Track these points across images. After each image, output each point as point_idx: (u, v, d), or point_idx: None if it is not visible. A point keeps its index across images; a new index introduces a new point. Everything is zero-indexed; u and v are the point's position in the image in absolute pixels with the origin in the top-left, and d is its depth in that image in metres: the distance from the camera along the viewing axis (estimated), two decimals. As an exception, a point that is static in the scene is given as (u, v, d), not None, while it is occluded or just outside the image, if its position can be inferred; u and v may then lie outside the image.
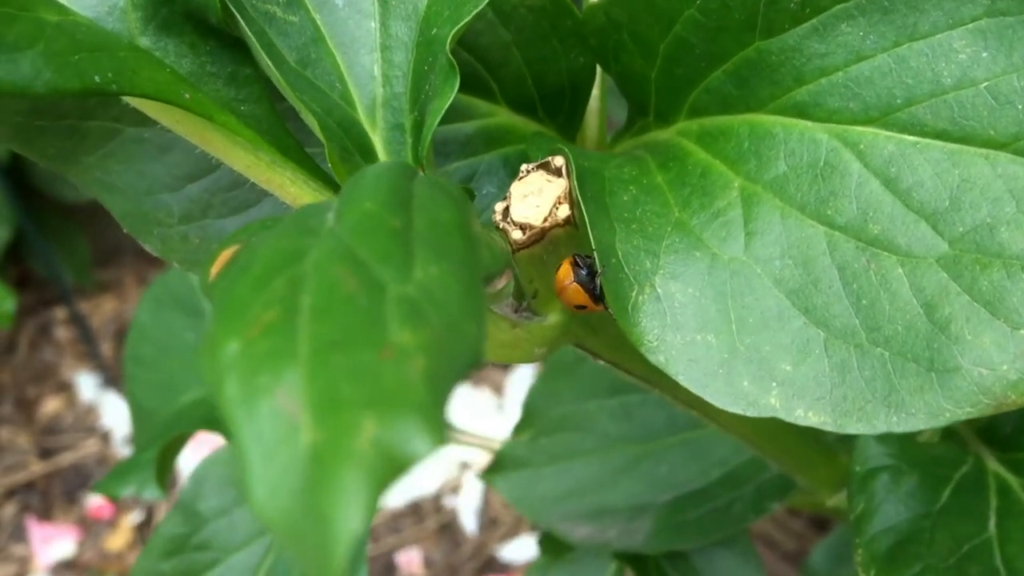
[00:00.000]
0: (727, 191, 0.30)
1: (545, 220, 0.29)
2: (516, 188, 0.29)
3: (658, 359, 0.29)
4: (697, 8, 0.30)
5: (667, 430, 0.61)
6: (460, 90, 0.34)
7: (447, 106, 0.28)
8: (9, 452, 1.74)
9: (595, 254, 0.29)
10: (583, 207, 0.29)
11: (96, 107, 0.33)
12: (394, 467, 0.15)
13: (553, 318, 0.33)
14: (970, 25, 0.28)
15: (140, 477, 0.72)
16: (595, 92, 0.37)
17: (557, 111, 0.35)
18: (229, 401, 0.16)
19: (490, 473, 0.62)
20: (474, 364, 0.17)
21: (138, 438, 0.77)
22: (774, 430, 0.46)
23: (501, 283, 0.26)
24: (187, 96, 0.26)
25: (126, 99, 0.29)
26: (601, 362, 0.37)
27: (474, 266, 0.19)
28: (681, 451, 0.60)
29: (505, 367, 1.29)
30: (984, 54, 0.27)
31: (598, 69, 0.36)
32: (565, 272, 0.30)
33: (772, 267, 0.29)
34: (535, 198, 0.29)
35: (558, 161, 0.29)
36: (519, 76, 0.34)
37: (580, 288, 0.30)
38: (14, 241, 1.87)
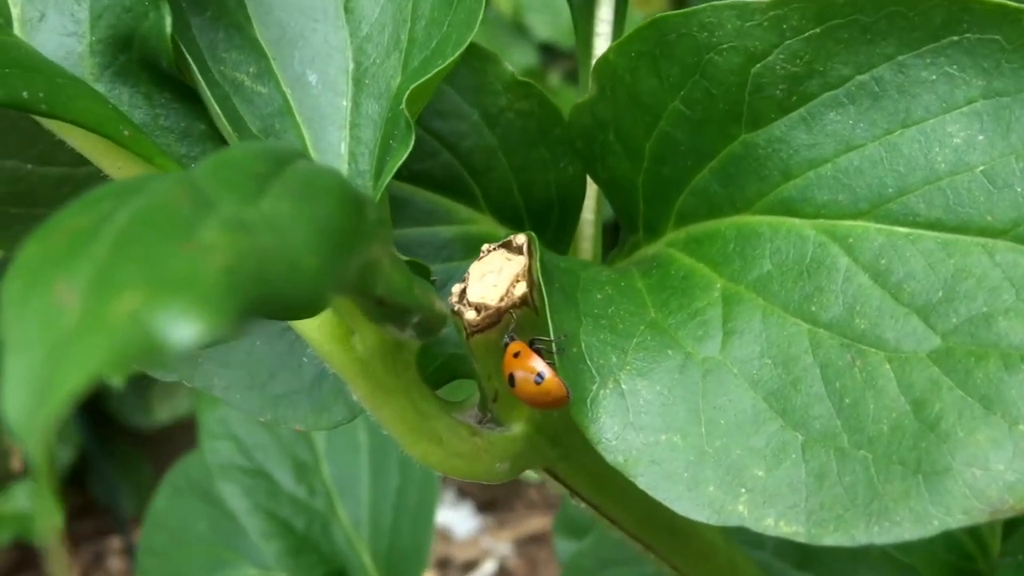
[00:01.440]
0: (708, 292, 0.28)
1: (501, 300, 0.27)
2: (475, 268, 0.27)
3: (616, 459, 0.26)
4: (681, 100, 0.29)
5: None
6: (440, 192, 0.33)
7: (399, 165, 0.26)
8: None
9: (552, 338, 0.27)
10: (543, 288, 0.27)
11: (70, 195, 0.32)
12: (147, 342, 0.12)
13: (517, 428, 0.30)
14: (965, 108, 0.26)
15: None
16: (590, 217, 0.35)
17: (545, 225, 0.34)
18: (6, 302, 0.14)
19: None
20: (308, 299, 0.15)
21: (143, 636, 0.73)
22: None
23: (409, 331, 0.23)
24: (126, 133, 0.25)
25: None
26: (583, 505, 0.34)
27: (344, 230, 0.17)
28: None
29: None
30: (980, 137, 0.25)
31: (591, 191, 0.35)
32: (526, 364, 0.27)
33: (750, 367, 0.26)
34: (493, 276, 0.27)
35: (520, 239, 0.27)
36: (504, 183, 0.33)
37: (558, 380, 0.27)
38: (79, 466, 1.87)
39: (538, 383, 0.27)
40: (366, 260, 0.19)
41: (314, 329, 0.28)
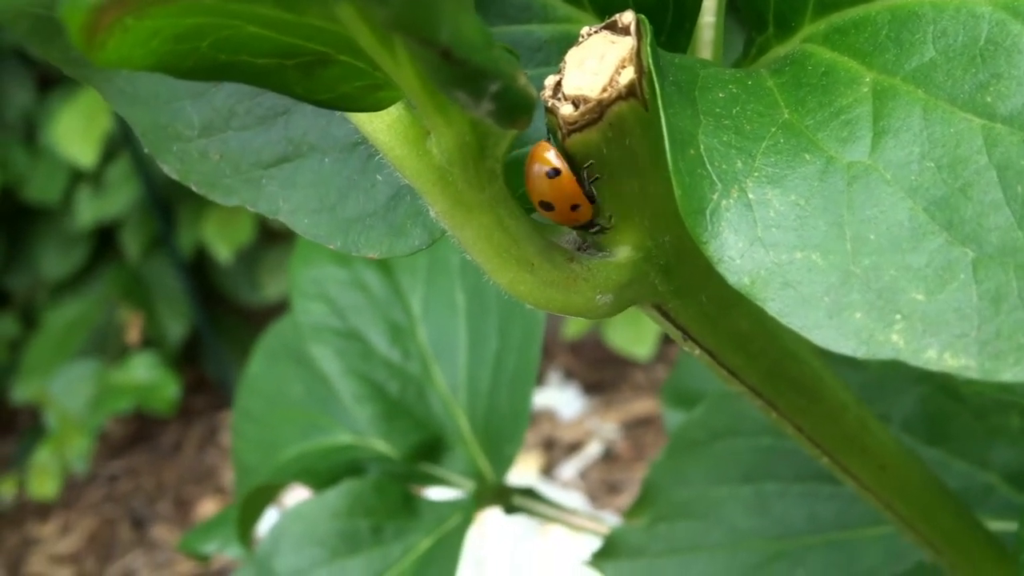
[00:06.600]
0: (854, 87, 0.23)
1: (604, 90, 0.22)
2: (572, 54, 0.23)
3: (741, 281, 0.22)
4: None
5: (808, 528, 0.52)
6: (536, -16, 0.28)
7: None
8: (161, 550, 1.73)
9: (665, 139, 0.22)
10: (656, 78, 0.22)
11: None
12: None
13: (622, 254, 0.25)
14: None
15: (225, 533, 0.66)
16: (710, 20, 0.30)
17: (658, 28, 0.29)
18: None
19: (599, 559, 0.53)
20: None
21: (237, 498, 0.71)
22: (928, 503, 0.37)
23: (485, 105, 0.19)
24: None
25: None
26: (697, 352, 0.30)
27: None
28: (822, 554, 0.51)
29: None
30: None
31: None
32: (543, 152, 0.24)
33: (907, 172, 0.22)
34: (594, 63, 0.23)
35: (627, 17, 0.23)
36: (610, -26, 0.28)
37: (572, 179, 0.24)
38: (191, 342, 1.89)
39: (551, 177, 0.24)
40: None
41: (384, 130, 0.24)
